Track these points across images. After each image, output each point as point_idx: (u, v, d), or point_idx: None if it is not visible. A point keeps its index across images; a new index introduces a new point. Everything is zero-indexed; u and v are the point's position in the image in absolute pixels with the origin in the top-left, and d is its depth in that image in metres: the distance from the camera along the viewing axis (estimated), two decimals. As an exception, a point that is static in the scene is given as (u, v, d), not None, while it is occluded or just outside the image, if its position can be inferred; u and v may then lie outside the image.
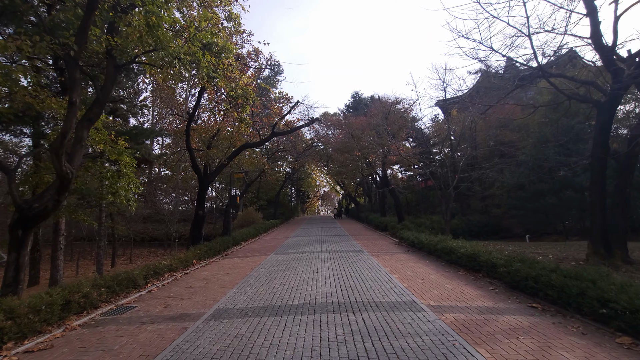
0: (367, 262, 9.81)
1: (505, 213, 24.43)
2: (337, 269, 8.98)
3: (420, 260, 10.19)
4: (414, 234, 13.66)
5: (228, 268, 9.96)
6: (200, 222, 12.45)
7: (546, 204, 20.07)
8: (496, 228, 25.32)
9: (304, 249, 13.09)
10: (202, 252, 11.30)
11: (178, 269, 9.60)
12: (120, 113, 12.77)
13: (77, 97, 5.14)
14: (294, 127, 13.46)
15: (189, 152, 11.59)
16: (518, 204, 22.27)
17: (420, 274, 8.23)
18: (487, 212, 28.23)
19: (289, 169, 33.92)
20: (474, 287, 6.91)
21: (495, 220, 25.94)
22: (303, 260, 10.64)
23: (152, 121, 26.97)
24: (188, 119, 10.91)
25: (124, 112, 13.08)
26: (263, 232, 20.91)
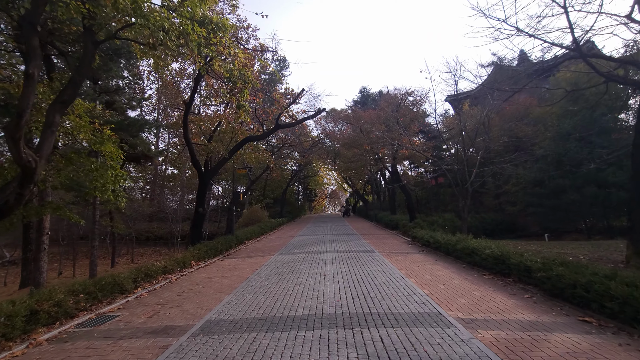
0: (379, 264, 8.88)
1: (521, 211, 23.18)
2: (346, 271, 8.06)
3: (438, 262, 9.21)
4: (428, 232, 12.67)
5: (228, 270, 9.12)
6: (200, 220, 11.67)
7: (567, 201, 18.81)
8: (511, 226, 24.08)
9: (311, 249, 12.21)
10: (201, 252, 10.49)
11: (174, 271, 8.79)
12: (118, 106, 12.05)
13: (36, 70, 4.34)
14: (299, 119, 12.58)
15: (187, 144, 10.77)
16: (536, 201, 21.02)
17: (441, 277, 7.26)
18: (502, 210, 26.97)
19: (295, 167, 33.09)
20: (506, 294, 5.92)
21: (510, 218, 24.69)
22: (309, 261, 9.76)
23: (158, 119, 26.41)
24: (185, 108, 10.06)
25: (122, 104, 12.35)
26: (269, 230, 20.11)
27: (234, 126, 11.75)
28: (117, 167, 6.67)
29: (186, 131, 10.51)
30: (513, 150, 23.48)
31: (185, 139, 10.82)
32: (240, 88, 6.82)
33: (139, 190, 31.46)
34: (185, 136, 10.66)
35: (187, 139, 10.69)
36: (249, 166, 15.25)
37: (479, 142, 13.49)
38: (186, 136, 10.63)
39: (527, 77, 23.70)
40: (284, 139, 23.73)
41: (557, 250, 11.87)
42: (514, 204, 24.39)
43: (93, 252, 10.99)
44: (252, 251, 12.79)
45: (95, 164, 6.76)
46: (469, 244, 8.91)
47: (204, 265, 10.04)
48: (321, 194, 62.23)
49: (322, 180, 52.17)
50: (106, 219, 14.07)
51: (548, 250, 12.28)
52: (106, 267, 14.91)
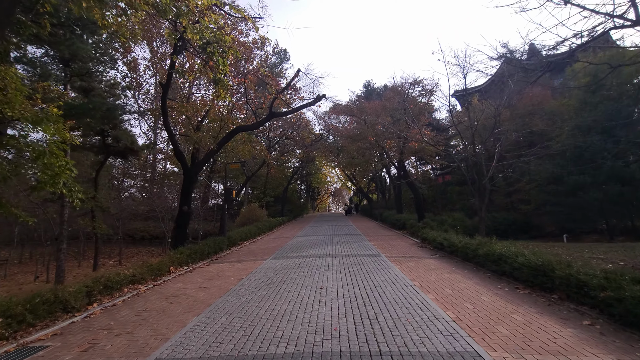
0: (387, 272, 7.42)
1: (536, 210, 21.55)
2: (348, 282, 6.62)
3: (456, 270, 7.74)
4: (441, 234, 11.18)
5: (210, 278, 7.72)
6: (184, 220, 10.31)
7: (588, 199, 17.14)
8: (525, 226, 22.42)
9: (309, 252, 10.79)
10: (183, 257, 9.11)
11: (145, 280, 7.41)
12: (97, 93, 10.71)
13: None
14: (296, 107, 11.18)
15: (167, 133, 9.40)
16: (553, 199, 19.37)
17: (465, 292, 5.79)
18: (514, 209, 25.33)
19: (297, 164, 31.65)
20: (556, 319, 4.44)
21: (523, 217, 23.03)
22: (305, 267, 8.33)
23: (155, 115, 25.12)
24: (162, 91, 8.68)
25: (101, 92, 11.00)
26: (267, 230, 18.72)
27: (224, 115, 10.36)
28: (61, 155, 5.30)
29: (165, 118, 9.09)
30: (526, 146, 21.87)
31: (165, 127, 9.42)
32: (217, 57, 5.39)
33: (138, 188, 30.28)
34: (165, 124, 9.25)
35: (167, 127, 9.29)
36: (242, 161, 13.90)
37: (495, 134, 11.97)
38: (166, 124, 9.23)
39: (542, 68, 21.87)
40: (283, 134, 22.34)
41: (590, 255, 10.33)
42: (527, 202, 22.79)
43: (60, 257, 9.67)
44: (244, 254, 11.40)
45: (35, 149, 5.37)
46: (493, 248, 7.42)
47: (186, 272, 8.65)
48: (324, 192, 60.79)
49: (325, 179, 50.69)
50: (85, 219, 12.82)
51: (578, 254, 10.75)
52: (88, 269, 13.65)
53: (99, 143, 12.83)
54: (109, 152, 12.92)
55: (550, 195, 19.53)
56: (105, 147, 12.71)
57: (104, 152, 12.99)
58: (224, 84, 5.74)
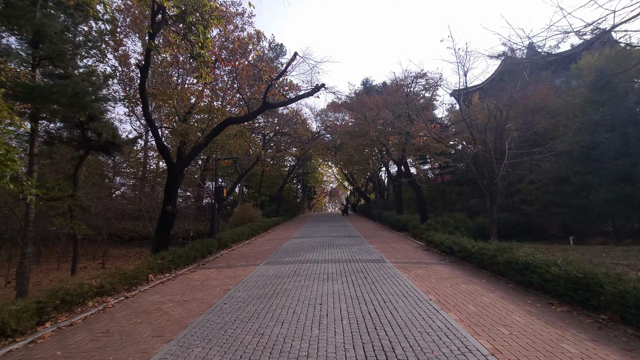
0: (395, 282, 6.43)
1: (540, 211, 20.74)
2: (352, 295, 5.62)
3: (473, 279, 6.78)
4: (449, 237, 10.23)
5: (192, 289, 6.68)
6: (168, 221, 9.23)
7: (597, 200, 16.32)
8: (529, 228, 21.59)
9: (306, 257, 9.78)
10: (165, 262, 8.05)
11: (118, 291, 6.35)
12: (74, 81, 9.56)
13: None
14: (292, 97, 10.17)
15: (148, 124, 8.35)
16: (559, 200, 18.53)
17: (492, 310, 4.82)
18: (516, 210, 24.52)
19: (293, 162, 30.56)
20: (619, 351, 3.49)
21: (527, 218, 22.21)
22: (302, 276, 7.31)
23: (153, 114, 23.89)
24: (140, 75, 7.56)
25: (79, 80, 9.85)
26: (261, 231, 17.67)
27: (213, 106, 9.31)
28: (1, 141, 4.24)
29: (145, 106, 7.99)
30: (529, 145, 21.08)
31: (145, 117, 8.34)
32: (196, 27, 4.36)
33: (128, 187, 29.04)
34: (145, 113, 8.16)
35: (148, 117, 8.20)
36: (234, 157, 12.84)
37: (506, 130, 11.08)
38: (146, 113, 8.14)
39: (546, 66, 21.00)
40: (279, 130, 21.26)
41: (609, 261, 9.44)
42: (529, 203, 22.01)
43: (23, 262, 8.51)
44: (235, 258, 10.35)
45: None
46: (516, 255, 6.46)
47: (167, 280, 7.59)
48: (321, 192, 59.77)
49: (322, 178, 49.65)
50: (60, 218, 11.69)
51: (597, 259, 9.86)
52: (66, 273, 12.53)
53: (79, 136, 11.71)
54: (89, 147, 11.79)
55: (555, 196, 18.73)
56: (85, 141, 11.59)
57: (84, 147, 11.86)
58: (205, 60, 4.73)
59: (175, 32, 5.55)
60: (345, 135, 18.47)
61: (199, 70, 4.96)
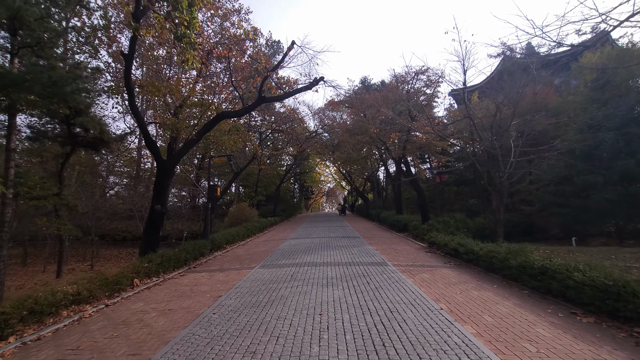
0: (401, 288, 5.91)
1: (541, 211, 20.36)
2: (355, 304, 5.08)
3: (483, 285, 6.27)
4: (453, 238, 9.75)
5: (180, 295, 6.11)
6: (157, 221, 8.63)
7: (601, 200, 15.94)
8: (529, 228, 21.19)
9: (303, 259, 9.22)
10: (152, 265, 7.46)
11: (97, 298, 5.77)
12: (58, 73, 8.88)
13: None
14: (290, 91, 9.57)
15: (134, 116, 7.78)
16: (561, 200, 18.15)
17: (511, 321, 4.30)
18: (515, 210, 24.13)
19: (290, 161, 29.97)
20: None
21: (527, 219, 21.82)
22: (300, 280, 6.77)
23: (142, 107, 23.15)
24: (125, 63, 6.93)
25: (64, 72, 9.20)
26: (257, 231, 17.09)
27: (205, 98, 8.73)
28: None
29: (131, 98, 7.39)
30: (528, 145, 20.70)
31: (131, 109, 7.73)
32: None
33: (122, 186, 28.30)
34: (131, 105, 7.55)
35: (134, 109, 7.58)
36: (228, 154, 12.26)
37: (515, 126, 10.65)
38: (132, 105, 7.53)
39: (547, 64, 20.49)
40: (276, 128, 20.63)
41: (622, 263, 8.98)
42: (529, 203, 21.63)
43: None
44: (228, 260, 9.78)
45: None
46: (531, 259, 5.96)
47: (153, 285, 7.01)
48: (318, 192, 59.22)
49: (319, 178, 49.10)
50: (43, 219, 11.05)
51: (608, 261, 9.42)
52: (50, 276, 11.89)
53: (65, 132, 11.07)
54: (75, 143, 11.15)
55: (556, 196, 18.36)
56: (71, 137, 10.96)
57: (70, 143, 11.22)
58: (191, 41, 4.18)
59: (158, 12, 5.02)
60: (344, 132, 17.92)
61: (185, 54, 4.41)
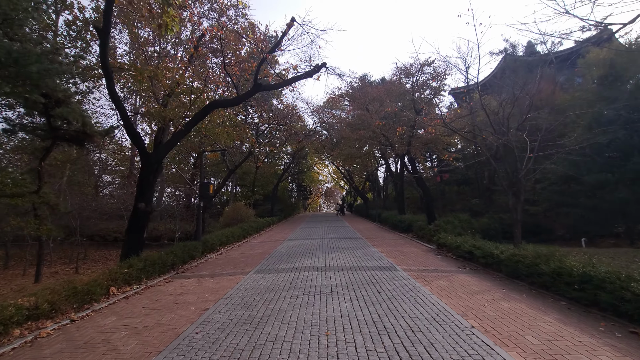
0: (418, 299, 5.04)
1: (548, 211, 19.61)
2: (367, 320, 4.21)
3: (510, 294, 5.42)
4: (466, 240, 8.93)
5: (160, 308, 5.20)
6: (141, 221, 7.71)
7: (613, 199, 15.21)
8: (535, 229, 20.43)
9: (303, 263, 8.34)
10: (133, 270, 6.55)
11: (63, 312, 4.86)
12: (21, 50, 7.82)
13: None
14: (289, 79, 8.63)
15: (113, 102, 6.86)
16: (569, 200, 17.42)
17: (564, 344, 3.45)
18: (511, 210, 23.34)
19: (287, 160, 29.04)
20: None
21: (532, 219, 21.05)
22: (300, 289, 5.88)
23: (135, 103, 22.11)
24: (100, 40, 5.96)
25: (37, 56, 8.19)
26: (254, 232, 16.18)
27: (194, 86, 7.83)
28: None
29: (109, 81, 6.46)
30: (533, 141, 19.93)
31: (110, 94, 6.81)
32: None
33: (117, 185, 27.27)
34: (109, 89, 6.64)
35: (112, 94, 6.67)
36: (222, 149, 11.36)
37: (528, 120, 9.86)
38: (110, 89, 6.60)
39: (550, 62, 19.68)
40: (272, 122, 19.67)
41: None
42: (533, 203, 20.90)
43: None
44: (220, 264, 8.87)
45: None
46: (568, 265, 5.12)
47: (133, 294, 6.10)
48: (316, 191, 58.33)
49: (318, 177, 48.20)
50: (17, 218, 10.11)
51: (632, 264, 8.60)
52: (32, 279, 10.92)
53: (45, 125, 10.13)
54: (56, 137, 10.20)
55: (566, 196, 17.63)
56: (52, 130, 10.02)
57: (51, 137, 10.27)
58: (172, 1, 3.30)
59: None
60: (345, 128, 17.03)
61: (163, 17, 3.54)
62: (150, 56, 8.88)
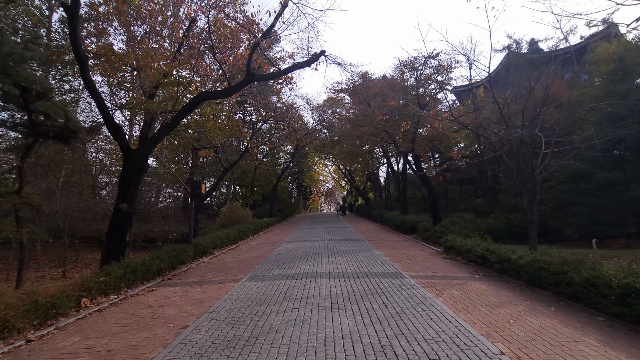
0: (431, 314, 4.32)
1: (555, 211, 18.88)
2: (374, 343, 3.49)
3: (535, 307, 4.70)
4: (478, 243, 8.22)
5: (132, 326, 4.49)
6: (123, 223, 7.01)
7: (627, 198, 14.47)
8: (542, 229, 19.61)
9: (301, 269, 7.62)
10: (110, 279, 5.85)
11: (20, 330, 4.15)
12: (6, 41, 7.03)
13: None
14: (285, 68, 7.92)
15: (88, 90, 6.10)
16: (579, 199, 16.68)
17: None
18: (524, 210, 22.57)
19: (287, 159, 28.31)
20: None
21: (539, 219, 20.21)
22: (296, 300, 5.17)
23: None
24: (69, 22, 5.27)
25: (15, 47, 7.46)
26: (251, 233, 15.47)
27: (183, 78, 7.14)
28: None
29: (82, 67, 5.76)
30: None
31: (84, 81, 6.09)
32: None
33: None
34: (83, 75, 5.94)
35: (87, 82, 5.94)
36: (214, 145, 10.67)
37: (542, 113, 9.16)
38: (84, 75, 5.91)
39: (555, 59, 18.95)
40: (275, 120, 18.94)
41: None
42: (541, 202, 20.15)
43: None
44: (212, 270, 8.16)
45: None
46: (605, 274, 4.40)
47: (108, 306, 5.40)
48: (317, 191, 57.58)
49: (318, 177, 47.45)
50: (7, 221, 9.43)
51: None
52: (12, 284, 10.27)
53: (26, 121, 9.46)
54: (38, 133, 9.52)
55: (575, 195, 16.89)
56: (33, 126, 9.34)
57: (33, 133, 9.59)
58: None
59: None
60: (346, 124, 16.29)
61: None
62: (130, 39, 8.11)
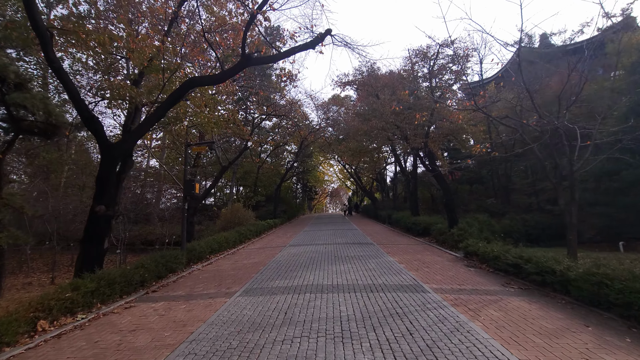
0: (473, 349, 3.27)
1: (576, 211, 17.55)
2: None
3: (605, 337, 3.63)
4: (508, 249, 7.13)
5: (93, 356, 3.51)
6: (99, 228, 6.05)
7: (656, 198, 13.22)
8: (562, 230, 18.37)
9: (304, 279, 6.61)
10: (79, 294, 4.89)
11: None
12: None
13: None
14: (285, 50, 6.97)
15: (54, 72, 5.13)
16: (603, 198, 15.46)
17: None
18: (541, 211, 21.38)
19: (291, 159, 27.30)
20: None
21: (556, 220, 19.03)
22: (297, 324, 4.15)
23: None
24: None
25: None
26: (253, 236, 14.49)
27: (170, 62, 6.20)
28: None
29: (44, 44, 4.78)
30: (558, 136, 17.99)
31: (47, 61, 5.10)
32: None
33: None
34: (45, 54, 4.89)
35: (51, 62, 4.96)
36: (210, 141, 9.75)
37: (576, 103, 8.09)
38: (46, 54, 4.86)
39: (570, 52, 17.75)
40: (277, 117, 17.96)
41: None
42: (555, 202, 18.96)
43: None
44: (204, 280, 7.18)
45: None
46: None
47: (72, 329, 4.44)
48: (322, 192, 56.49)
49: (323, 177, 46.36)
50: None
51: None
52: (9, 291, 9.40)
53: (5, 116, 8.62)
54: (19, 129, 8.67)
55: (597, 194, 15.68)
56: (13, 122, 8.49)
57: (14, 129, 8.75)
58: None
59: None
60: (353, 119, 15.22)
61: None
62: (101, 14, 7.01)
